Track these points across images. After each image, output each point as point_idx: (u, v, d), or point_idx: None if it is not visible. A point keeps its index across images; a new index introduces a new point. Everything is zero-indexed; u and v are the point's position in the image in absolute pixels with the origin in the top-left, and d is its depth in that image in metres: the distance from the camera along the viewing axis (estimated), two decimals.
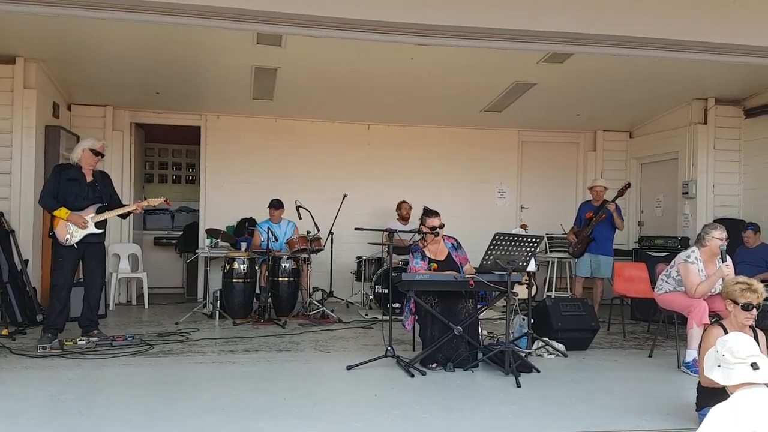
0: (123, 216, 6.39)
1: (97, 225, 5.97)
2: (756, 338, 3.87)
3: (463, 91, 8.37)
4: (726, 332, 3.87)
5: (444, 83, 8.07)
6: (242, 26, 4.98)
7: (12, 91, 7.16)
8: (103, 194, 6.08)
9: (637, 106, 9.14)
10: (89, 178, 6.03)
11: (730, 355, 2.84)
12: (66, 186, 5.90)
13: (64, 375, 4.94)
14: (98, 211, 6.00)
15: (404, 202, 8.97)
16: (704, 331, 4.39)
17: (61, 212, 5.80)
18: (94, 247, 6.03)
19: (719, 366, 2.89)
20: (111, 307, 8.20)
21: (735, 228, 7.47)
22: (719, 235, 5.53)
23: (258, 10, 4.70)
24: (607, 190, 8.04)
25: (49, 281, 6.20)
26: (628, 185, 7.87)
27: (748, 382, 2.77)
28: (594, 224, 7.73)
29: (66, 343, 5.67)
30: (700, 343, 4.25)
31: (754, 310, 3.91)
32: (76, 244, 5.86)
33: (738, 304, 3.98)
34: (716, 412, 2.69)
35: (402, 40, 5.19)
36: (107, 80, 8.09)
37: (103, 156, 6.20)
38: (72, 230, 5.85)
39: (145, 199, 6.41)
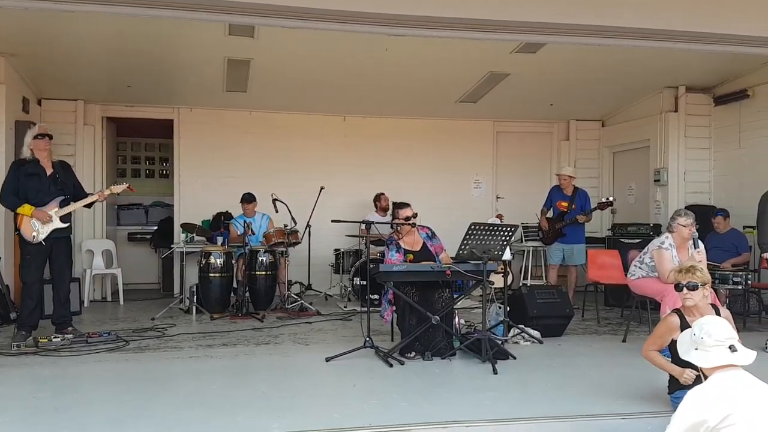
0: (87, 206, 6.21)
1: (62, 219, 5.86)
2: (718, 315, 3.94)
3: (438, 81, 8.39)
4: (682, 318, 3.95)
5: (419, 74, 8.09)
6: (214, 17, 4.94)
7: None
8: (65, 186, 5.95)
9: (609, 95, 9.25)
10: (49, 171, 5.89)
11: (708, 337, 2.88)
12: (26, 181, 5.76)
13: (40, 373, 4.89)
14: (62, 204, 5.88)
15: (382, 194, 8.98)
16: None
17: (25, 209, 5.68)
18: (60, 242, 5.93)
19: (696, 349, 2.93)
20: (86, 304, 8.10)
21: (706, 214, 7.61)
22: (684, 221, 5.63)
23: (230, 0, 4.67)
24: (575, 179, 8.15)
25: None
26: (610, 203, 7.94)
27: (726, 364, 2.82)
28: (567, 223, 7.84)
29: (41, 340, 5.59)
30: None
31: (684, 289, 3.98)
32: (43, 240, 5.76)
33: None
34: (693, 394, 2.74)
35: (376, 31, 5.19)
36: (77, 74, 7.97)
37: (51, 137, 5.98)
38: (38, 227, 5.73)
39: (108, 187, 6.29)
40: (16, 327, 5.84)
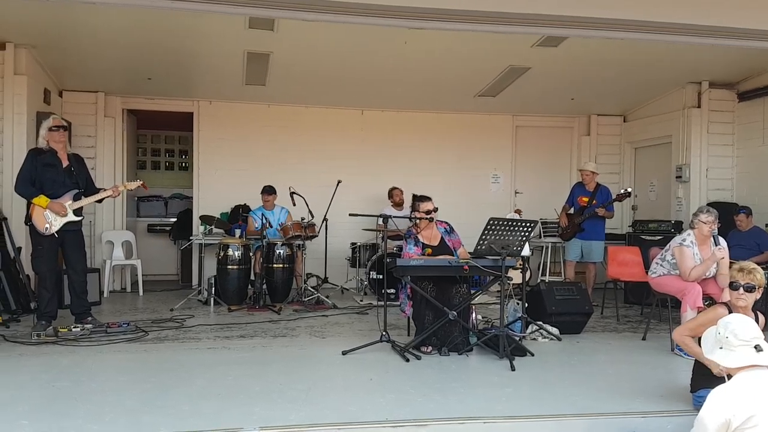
0: (98, 201, 6.25)
1: (75, 212, 5.89)
2: (757, 320, 3.89)
3: (457, 75, 8.34)
4: (731, 312, 3.89)
5: (438, 68, 8.04)
6: (234, 10, 4.95)
7: (2, 77, 7.09)
8: (79, 179, 5.97)
9: (632, 90, 9.13)
10: (65, 163, 5.90)
11: (733, 337, 2.83)
12: (42, 172, 5.77)
13: (59, 362, 4.93)
14: (75, 198, 5.91)
15: (395, 188, 8.97)
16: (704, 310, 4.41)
17: (41, 200, 5.69)
18: (72, 234, 5.95)
19: (721, 348, 2.88)
20: (105, 294, 8.18)
21: (728, 211, 7.50)
22: (705, 218, 5.55)
23: None
24: (597, 176, 8.05)
25: None
26: (628, 194, 7.82)
27: (751, 364, 2.78)
28: (586, 216, 7.75)
29: (60, 330, 5.65)
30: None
31: (741, 289, 3.92)
32: (56, 233, 5.79)
33: None
34: (717, 393, 2.70)
35: (396, 24, 5.17)
36: (98, 66, 8.02)
37: (66, 128, 6.02)
38: (51, 219, 5.75)
39: (123, 183, 6.32)
40: (36, 317, 5.91)
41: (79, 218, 5.96)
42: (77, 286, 6.06)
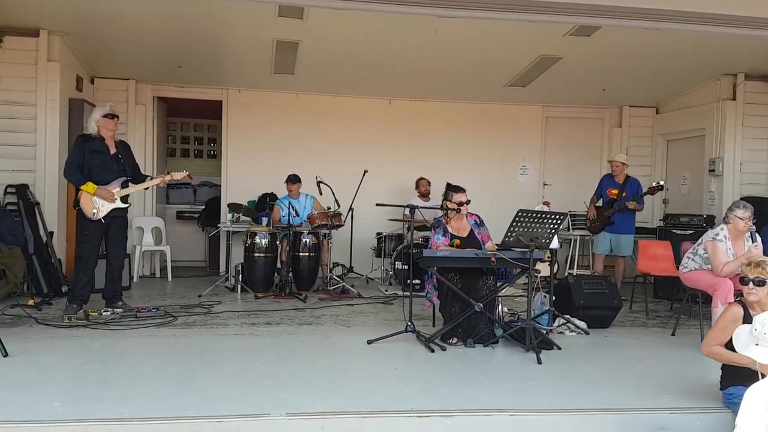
0: (146, 188, 6.38)
1: (123, 199, 5.99)
2: None
3: (487, 65, 8.26)
4: (745, 309, 3.81)
5: (468, 57, 7.97)
6: None
7: (36, 64, 7.19)
8: (126, 167, 6.07)
9: (665, 81, 8.95)
10: (113, 150, 6.00)
11: None
12: (90, 158, 5.86)
13: (89, 345, 5.02)
14: (122, 185, 6.00)
15: (422, 178, 8.92)
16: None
17: (89, 187, 5.79)
18: (118, 220, 6.06)
19: (757, 344, 2.84)
20: (135, 279, 8.30)
21: (762, 206, 7.33)
22: (741, 214, 5.44)
23: None
24: (627, 167, 7.92)
25: (73, 253, 6.25)
26: (660, 187, 7.67)
27: None
28: (617, 209, 7.64)
29: (91, 313, 5.75)
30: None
31: (751, 283, 3.83)
32: (102, 218, 5.89)
33: None
34: (754, 393, 2.65)
35: (426, 13, 5.14)
36: (130, 54, 8.10)
37: (118, 117, 6.13)
38: (98, 205, 5.85)
39: (169, 173, 6.40)
40: (68, 300, 6.02)
41: (126, 205, 6.06)
42: (115, 271, 6.16)
